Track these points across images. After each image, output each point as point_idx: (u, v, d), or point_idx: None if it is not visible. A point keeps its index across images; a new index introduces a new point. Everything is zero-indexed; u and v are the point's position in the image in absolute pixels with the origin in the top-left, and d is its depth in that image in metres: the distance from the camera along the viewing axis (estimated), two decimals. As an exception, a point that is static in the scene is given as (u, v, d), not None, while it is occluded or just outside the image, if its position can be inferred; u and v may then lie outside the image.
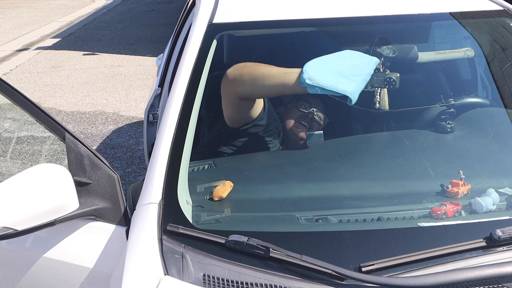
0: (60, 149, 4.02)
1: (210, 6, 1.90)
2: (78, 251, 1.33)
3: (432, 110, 1.80)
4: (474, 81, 2.19)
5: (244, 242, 1.12)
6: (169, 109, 1.47)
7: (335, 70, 1.57)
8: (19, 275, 1.40)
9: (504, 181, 1.42)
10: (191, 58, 1.62)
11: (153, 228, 1.18)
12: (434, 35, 2.09)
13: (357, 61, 1.63)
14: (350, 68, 1.59)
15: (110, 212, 1.31)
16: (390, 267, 1.11)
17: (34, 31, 9.18)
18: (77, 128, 4.67)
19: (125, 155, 4.11)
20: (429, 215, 1.29)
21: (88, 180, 1.30)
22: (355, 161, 1.58)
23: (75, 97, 5.54)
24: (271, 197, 1.43)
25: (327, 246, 1.19)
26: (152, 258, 1.11)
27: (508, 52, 1.97)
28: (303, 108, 1.86)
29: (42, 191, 1.22)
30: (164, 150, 1.37)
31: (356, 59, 1.64)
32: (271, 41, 2.12)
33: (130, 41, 8.11)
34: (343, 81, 1.54)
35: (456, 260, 1.13)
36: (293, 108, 1.88)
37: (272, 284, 1.08)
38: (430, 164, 1.52)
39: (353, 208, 1.34)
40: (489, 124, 1.78)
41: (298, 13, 1.87)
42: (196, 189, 1.42)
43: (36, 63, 7.02)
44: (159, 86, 2.62)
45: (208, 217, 1.32)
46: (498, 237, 1.14)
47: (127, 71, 6.49)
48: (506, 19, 1.91)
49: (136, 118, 4.90)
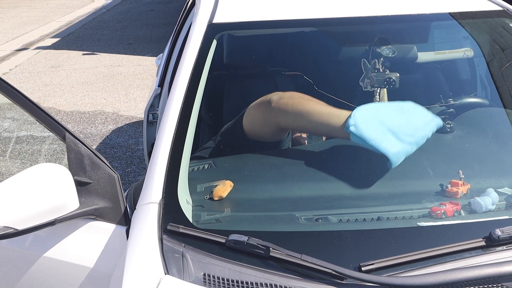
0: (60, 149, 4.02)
1: (210, 6, 1.91)
2: (78, 251, 1.33)
3: (431, 110, 1.80)
4: (474, 81, 2.19)
5: (244, 242, 1.13)
6: (169, 109, 1.48)
7: (386, 123, 1.40)
8: (19, 274, 1.40)
9: (503, 181, 1.42)
10: (191, 58, 1.63)
11: (153, 227, 1.18)
12: (434, 35, 2.09)
13: (415, 119, 1.45)
14: (404, 124, 1.41)
15: (110, 212, 1.31)
16: (390, 266, 1.11)
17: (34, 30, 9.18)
18: (77, 127, 4.67)
19: (124, 154, 4.11)
20: (428, 214, 1.30)
21: (88, 180, 1.30)
22: (355, 161, 1.58)
23: (75, 96, 5.54)
24: (271, 196, 1.43)
25: (327, 245, 1.19)
26: (152, 257, 1.11)
27: (507, 52, 1.98)
28: None
29: (42, 190, 1.22)
30: (164, 149, 1.37)
31: (415, 116, 1.46)
32: (271, 41, 2.12)
33: (129, 41, 8.11)
34: (390, 138, 1.37)
35: (455, 259, 1.13)
36: None
37: (273, 283, 1.08)
38: (430, 164, 1.52)
39: (353, 208, 1.34)
40: (488, 124, 1.78)
41: (298, 13, 1.88)
42: (196, 188, 1.43)
43: (35, 63, 7.02)
44: (159, 86, 2.62)
45: (208, 216, 1.32)
46: (497, 237, 1.15)
47: (126, 71, 6.49)
48: (506, 19, 1.91)
49: (136, 118, 4.90)
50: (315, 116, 1.52)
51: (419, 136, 1.43)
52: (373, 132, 1.38)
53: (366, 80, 1.83)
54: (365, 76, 1.85)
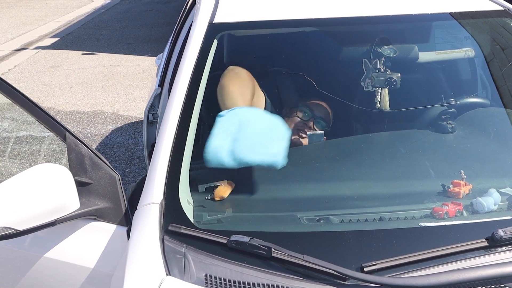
0: (60, 149, 4.02)
1: (211, 6, 1.90)
2: (78, 251, 1.32)
3: (432, 110, 1.80)
4: (474, 81, 2.19)
5: (246, 242, 1.12)
6: (170, 109, 1.47)
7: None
8: (19, 275, 1.39)
9: (505, 181, 1.42)
10: (192, 58, 1.62)
11: (154, 228, 1.18)
12: (435, 35, 2.09)
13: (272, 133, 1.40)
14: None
15: (111, 212, 1.30)
16: (392, 267, 1.10)
17: (33, 30, 9.17)
18: (76, 128, 4.66)
19: (124, 155, 4.10)
20: (431, 215, 1.29)
21: (89, 180, 1.29)
22: (357, 161, 1.57)
23: (74, 96, 5.53)
24: (273, 197, 1.42)
25: (329, 246, 1.18)
26: (154, 258, 1.11)
27: (508, 52, 1.97)
28: (303, 116, 1.84)
29: (43, 191, 1.22)
30: (165, 150, 1.36)
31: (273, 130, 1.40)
32: (271, 41, 2.12)
33: (129, 41, 8.10)
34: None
35: (458, 260, 1.13)
36: (294, 115, 1.86)
37: (274, 284, 1.07)
38: (431, 164, 1.52)
39: (354, 208, 1.34)
40: (489, 124, 1.78)
41: (298, 13, 1.87)
42: (198, 189, 1.42)
43: (34, 63, 7.01)
44: (159, 86, 2.61)
45: (210, 217, 1.31)
46: (500, 237, 1.14)
47: (126, 70, 6.48)
48: (506, 19, 1.91)
49: (135, 118, 4.89)
50: (223, 96, 1.57)
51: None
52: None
53: (367, 80, 1.83)
54: (366, 76, 1.84)
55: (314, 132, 1.77)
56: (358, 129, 1.96)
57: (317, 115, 1.85)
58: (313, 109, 1.86)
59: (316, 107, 1.86)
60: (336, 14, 1.87)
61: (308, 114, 1.84)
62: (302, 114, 1.84)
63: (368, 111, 1.83)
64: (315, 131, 1.78)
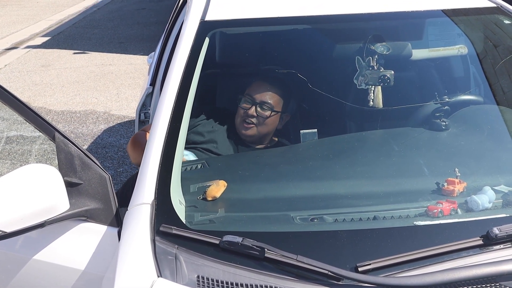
0: (50, 149, 3.98)
1: (202, 3, 1.88)
2: (69, 253, 1.30)
3: (426, 108, 1.80)
4: (467, 78, 2.19)
5: (239, 243, 1.11)
6: (161, 108, 1.45)
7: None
8: (8, 278, 1.37)
9: (499, 179, 1.42)
10: (184, 56, 1.60)
11: (145, 229, 1.16)
12: (428, 32, 2.08)
13: None
14: None
15: (102, 213, 1.29)
16: (386, 266, 1.09)
17: (23, 29, 9.09)
18: (68, 127, 4.63)
19: (116, 154, 4.07)
20: (425, 213, 1.28)
21: (78, 181, 1.27)
22: (350, 160, 1.56)
23: (65, 96, 5.49)
24: (266, 196, 1.41)
25: (323, 246, 1.17)
26: (145, 259, 1.09)
27: (500, 49, 1.97)
28: (246, 103, 1.85)
29: (31, 191, 1.20)
30: (157, 149, 1.35)
31: None
32: (264, 38, 2.10)
33: (120, 40, 8.05)
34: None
35: (453, 259, 1.12)
36: (238, 107, 1.88)
37: (268, 285, 1.06)
38: (426, 162, 1.51)
39: (348, 207, 1.33)
40: (483, 122, 1.78)
41: (291, 10, 1.86)
42: (189, 189, 1.41)
43: (25, 62, 6.95)
44: (151, 84, 2.59)
45: (202, 217, 1.30)
46: (495, 235, 1.14)
47: (118, 70, 6.44)
48: (499, 16, 1.91)
49: (128, 117, 4.86)
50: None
51: None
52: None
53: (360, 77, 1.82)
54: (360, 74, 1.83)
55: (306, 131, 1.76)
56: (351, 127, 1.95)
57: (259, 99, 1.84)
58: (252, 93, 1.86)
59: (255, 88, 1.87)
60: (329, 12, 1.86)
61: (249, 100, 1.84)
62: (245, 102, 1.85)
63: (362, 109, 1.82)
64: (308, 130, 1.77)
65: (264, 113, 1.83)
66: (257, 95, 1.85)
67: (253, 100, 1.84)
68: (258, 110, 1.83)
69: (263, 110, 1.83)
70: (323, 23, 1.90)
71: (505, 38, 1.93)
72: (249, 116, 1.84)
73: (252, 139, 1.87)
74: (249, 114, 1.84)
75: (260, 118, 1.83)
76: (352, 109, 1.90)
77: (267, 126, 1.85)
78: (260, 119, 1.83)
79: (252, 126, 1.83)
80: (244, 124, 1.84)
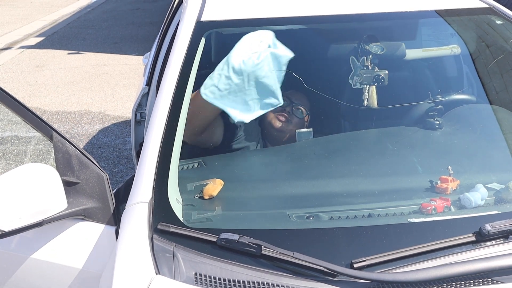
0: (47, 149, 3.97)
1: (198, 4, 1.89)
2: (66, 252, 1.31)
3: (420, 107, 1.82)
4: (460, 77, 2.21)
5: (236, 240, 1.12)
6: (158, 108, 1.46)
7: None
8: (5, 277, 1.37)
9: (492, 176, 1.44)
10: (180, 57, 1.61)
11: (143, 227, 1.17)
12: (421, 33, 2.11)
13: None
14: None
15: (99, 212, 1.29)
16: (381, 263, 1.11)
17: (17, 30, 9.05)
18: (63, 128, 4.62)
19: (111, 154, 4.07)
20: (419, 211, 1.30)
21: (76, 180, 1.28)
22: (345, 158, 1.58)
23: (60, 96, 5.48)
24: (262, 194, 1.43)
25: (319, 243, 1.19)
26: (143, 257, 1.10)
27: (492, 49, 2.00)
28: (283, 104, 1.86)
29: (29, 191, 1.20)
30: (154, 148, 1.36)
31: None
32: (259, 38, 2.11)
33: (115, 40, 8.04)
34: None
35: (446, 255, 1.14)
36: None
37: (264, 281, 1.07)
38: (419, 160, 1.53)
39: (344, 205, 1.35)
40: (476, 120, 1.80)
41: (286, 10, 1.87)
42: (187, 187, 1.42)
43: (19, 63, 6.92)
44: (147, 84, 2.60)
45: (199, 215, 1.31)
46: (487, 232, 1.16)
47: (112, 70, 6.43)
48: (491, 16, 1.93)
49: (123, 117, 4.86)
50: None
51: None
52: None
53: (355, 77, 1.84)
54: (354, 74, 1.85)
55: (302, 130, 1.77)
56: (346, 126, 1.97)
57: (295, 102, 1.86)
58: (291, 97, 1.87)
59: (293, 95, 1.88)
60: (323, 12, 1.87)
61: (286, 101, 1.85)
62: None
63: (356, 109, 1.84)
64: (303, 129, 1.79)
65: (301, 115, 1.85)
66: (294, 98, 1.88)
67: (290, 101, 1.87)
68: (293, 112, 1.85)
69: (296, 114, 1.86)
70: (318, 23, 1.92)
71: (497, 38, 1.95)
72: (285, 112, 1.84)
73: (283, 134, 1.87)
74: (286, 110, 1.84)
75: (295, 117, 1.84)
76: (347, 108, 1.92)
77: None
78: (295, 118, 1.84)
79: (282, 120, 1.84)
80: (279, 116, 1.84)
